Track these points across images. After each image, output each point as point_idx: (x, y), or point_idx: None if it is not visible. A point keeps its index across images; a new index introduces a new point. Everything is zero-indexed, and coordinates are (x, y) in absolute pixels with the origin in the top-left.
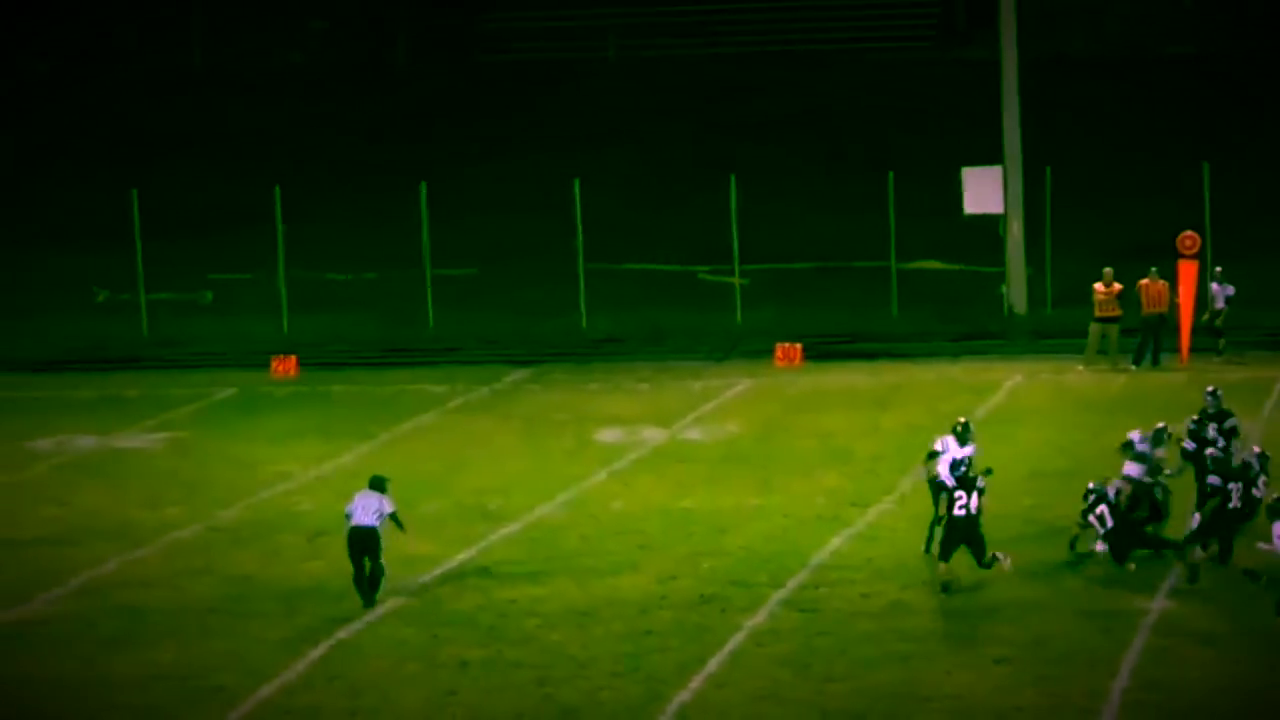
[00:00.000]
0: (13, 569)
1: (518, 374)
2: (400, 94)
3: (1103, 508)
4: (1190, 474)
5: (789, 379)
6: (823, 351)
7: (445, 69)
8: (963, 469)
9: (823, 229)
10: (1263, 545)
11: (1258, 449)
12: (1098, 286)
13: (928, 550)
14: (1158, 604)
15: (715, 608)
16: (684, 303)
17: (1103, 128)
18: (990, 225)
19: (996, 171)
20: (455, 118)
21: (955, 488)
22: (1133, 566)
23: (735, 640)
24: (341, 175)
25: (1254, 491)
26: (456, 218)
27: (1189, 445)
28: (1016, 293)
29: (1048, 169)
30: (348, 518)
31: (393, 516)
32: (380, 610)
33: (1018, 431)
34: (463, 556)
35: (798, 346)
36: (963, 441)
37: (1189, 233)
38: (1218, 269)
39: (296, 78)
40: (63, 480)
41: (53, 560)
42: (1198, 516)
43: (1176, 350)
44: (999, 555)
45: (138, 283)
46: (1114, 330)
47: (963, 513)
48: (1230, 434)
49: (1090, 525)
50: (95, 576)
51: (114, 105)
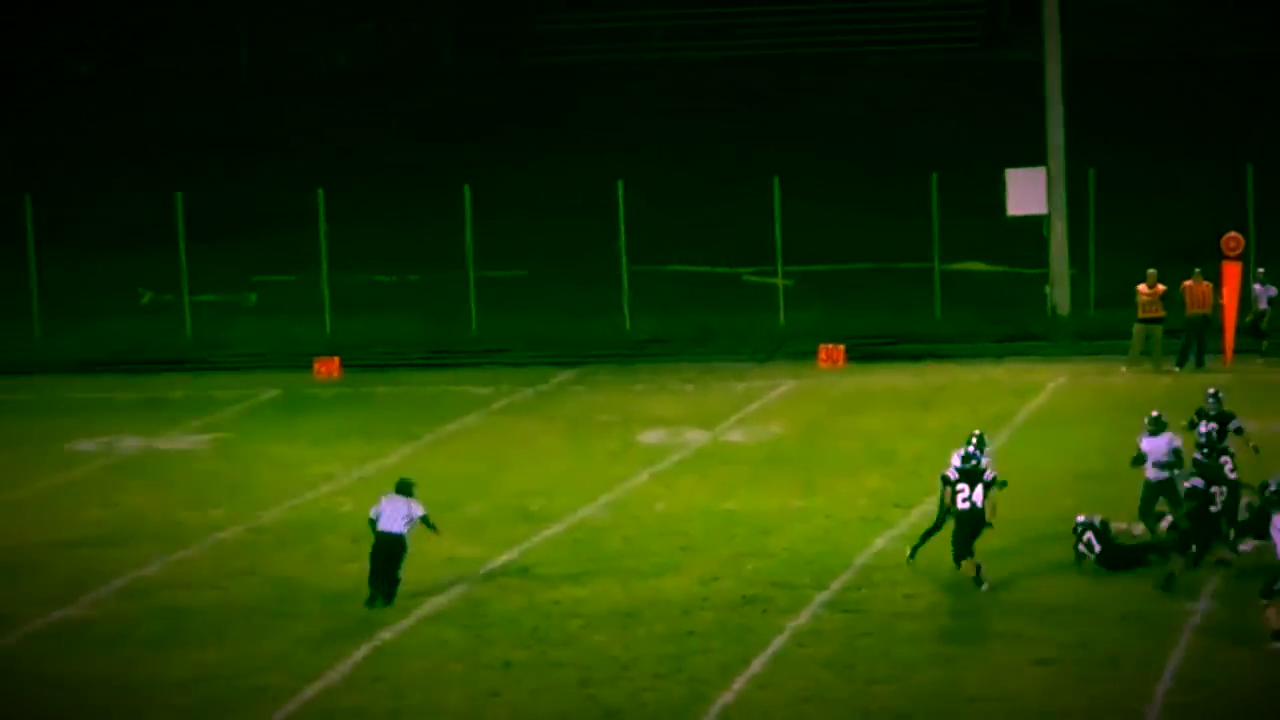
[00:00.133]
0: (58, 569)
1: (562, 375)
2: (446, 96)
3: (1089, 535)
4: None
5: (832, 380)
6: (866, 353)
7: (491, 71)
8: (973, 462)
9: (866, 230)
10: (1245, 547)
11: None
12: (1141, 288)
13: (912, 557)
14: (1201, 605)
15: (758, 609)
16: (728, 304)
17: (1146, 128)
18: (1034, 226)
19: (1040, 173)
20: (500, 119)
21: (958, 480)
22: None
23: (778, 641)
24: (386, 176)
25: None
26: (502, 219)
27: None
28: (1060, 294)
29: (1091, 170)
30: (374, 522)
31: (424, 520)
32: (423, 611)
33: (1061, 433)
34: (505, 558)
35: (841, 348)
36: (983, 449)
37: (1233, 234)
38: (1260, 270)
39: (342, 79)
40: (107, 481)
41: (97, 561)
42: (1169, 519)
43: (1220, 352)
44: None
45: (182, 284)
46: (1158, 331)
47: (966, 505)
48: (1237, 434)
49: (1085, 555)
50: (140, 577)
51: (159, 107)
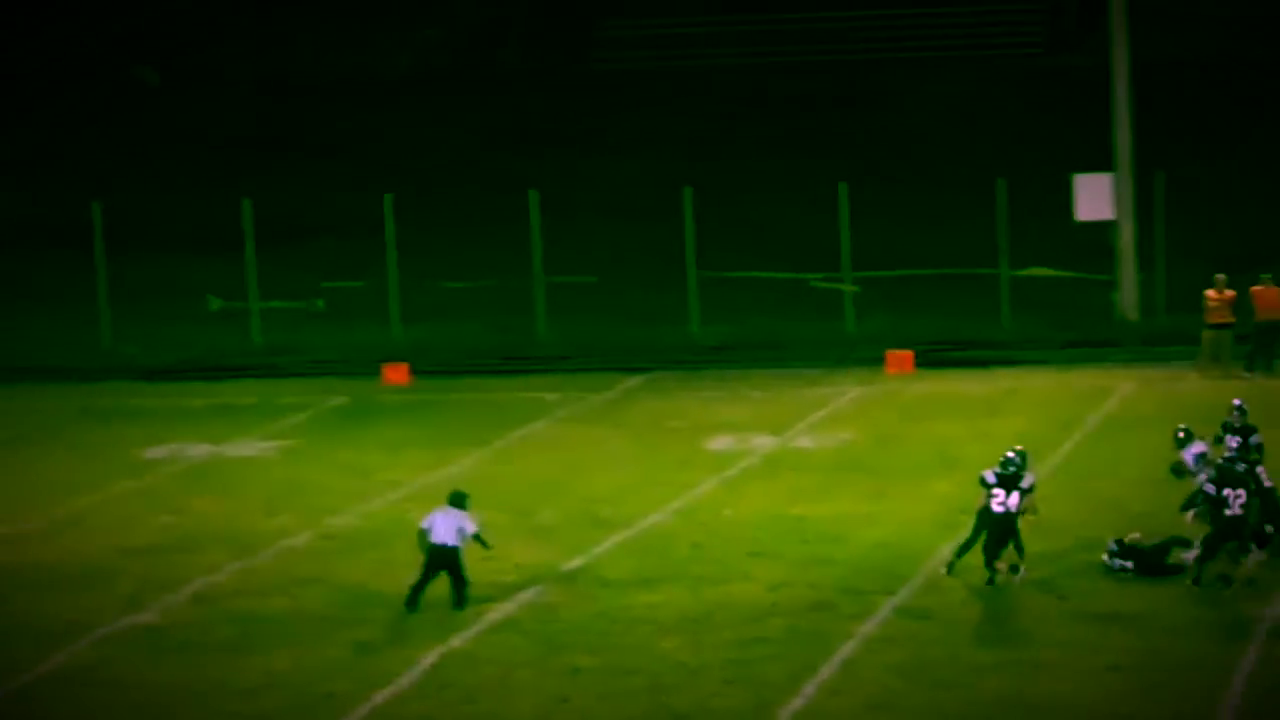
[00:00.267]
0: (128, 576)
1: (630, 381)
2: (512, 101)
3: (1116, 561)
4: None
5: (900, 386)
6: (934, 359)
7: (557, 76)
8: (1012, 468)
9: (933, 236)
10: (1254, 556)
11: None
12: (1210, 293)
13: (950, 571)
14: (1272, 611)
15: (827, 615)
16: (796, 310)
17: (1215, 131)
18: (1102, 232)
19: (1108, 178)
20: (567, 124)
21: (995, 484)
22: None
23: (847, 648)
24: (455, 182)
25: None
26: (570, 225)
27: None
28: (1128, 299)
29: (1159, 174)
30: (425, 533)
31: (476, 537)
32: (491, 618)
33: (1129, 438)
34: (574, 564)
35: (909, 353)
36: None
37: None
38: None
39: (408, 84)
40: (177, 488)
41: (167, 567)
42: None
43: None
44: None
45: (250, 291)
46: (1227, 337)
47: (1001, 509)
48: (1257, 448)
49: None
50: (209, 584)
51: (226, 112)
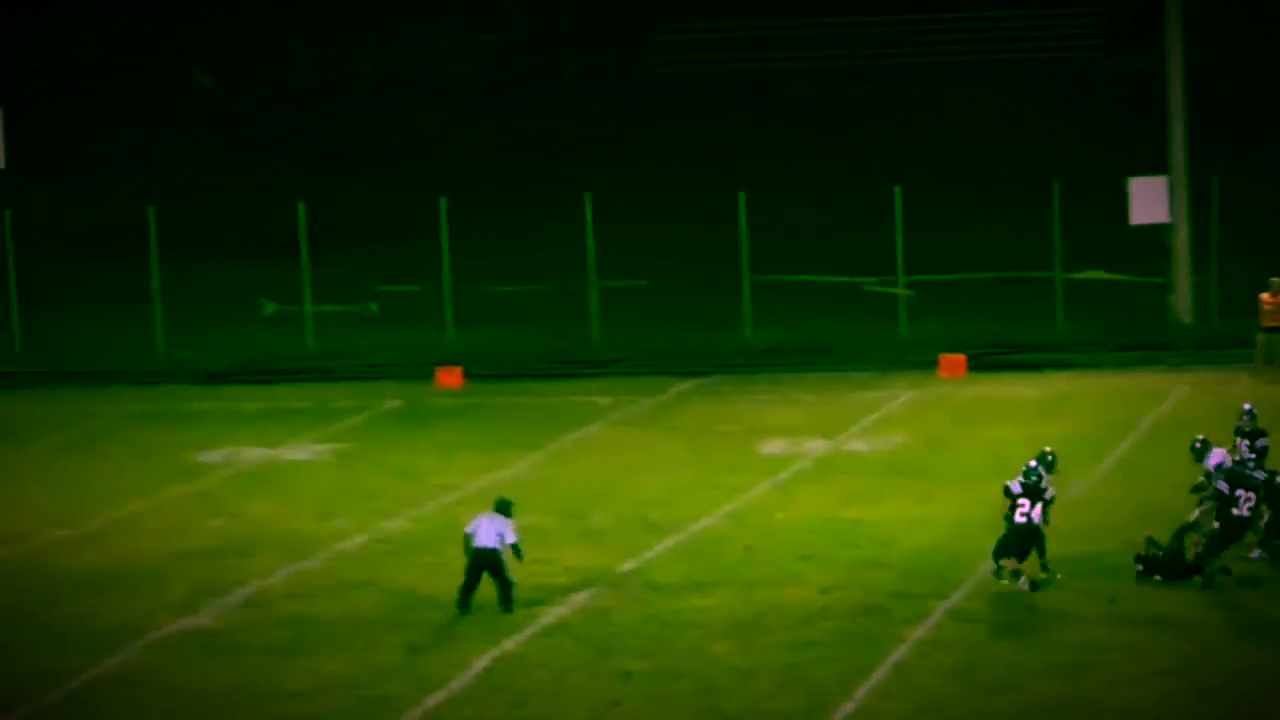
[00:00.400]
0: (183, 579)
1: (682, 385)
2: (567, 104)
3: (1141, 568)
4: None
5: (953, 390)
6: (987, 362)
7: (612, 80)
8: (1034, 478)
9: (987, 239)
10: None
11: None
12: (1265, 296)
13: (998, 575)
14: None
15: (878, 619)
16: (849, 314)
17: (1271, 134)
18: (1156, 235)
19: (1163, 181)
20: (622, 128)
21: (1020, 494)
22: None
23: (899, 651)
24: (509, 185)
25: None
26: (623, 228)
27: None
28: (1182, 302)
29: (1214, 178)
30: (470, 537)
31: (514, 547)
32: (543, 621)
33: (1181, 442)
34: (626, 567)
35: (962, 357)
36: (1050, 470)
37: None
38: None
39: (464, 88)
40: (230, 492)
41: (221, 571)
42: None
43: None
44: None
45: (304, 294)
46: None
47: (1024, 520)
48: (1262, 453)
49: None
50: (263, 587)
51: (281, 117)
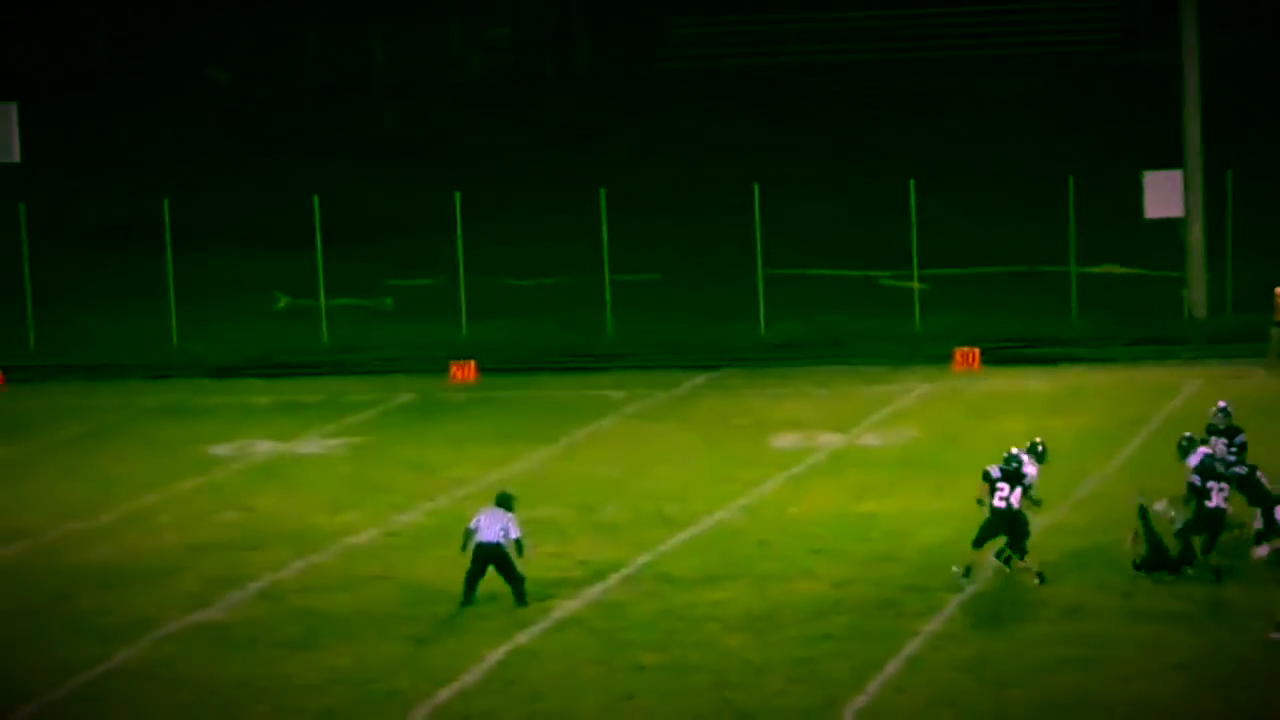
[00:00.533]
0: (194, 572)
1: (696, 379)
2: (580, 99)
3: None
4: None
5: (967, 383)
6: (1001, 356)
7: (626, 74)
8: (1015, 464)
9: (1002, 233)
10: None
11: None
12: (1279, 290)
13: (1008, 565)
14: None
15: (892, 612)
16: (863, 308)
17: None
18: (1171, 229)
19: (1177, 175)
20: (635, 123)
21: (999, 479)
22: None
23: (912, 645)
24: (522, 180)
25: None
26: (636, 222)
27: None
28: (1197, 297)
29: (1229, 172)
30: (472, 532)
31: (517, 543)
32: (556, 614)
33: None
34: (640, 561)
35: (976, 351)
36: (1041, 460)
37: None
38: None
39: (478, 83)
40: (243, 485)
41: (233, 564)
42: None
43: None
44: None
45: (318, 288)
46: None
47: (1003, 504)
48: (1241, 449)
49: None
50: (275, 580)
51: (295, 111)
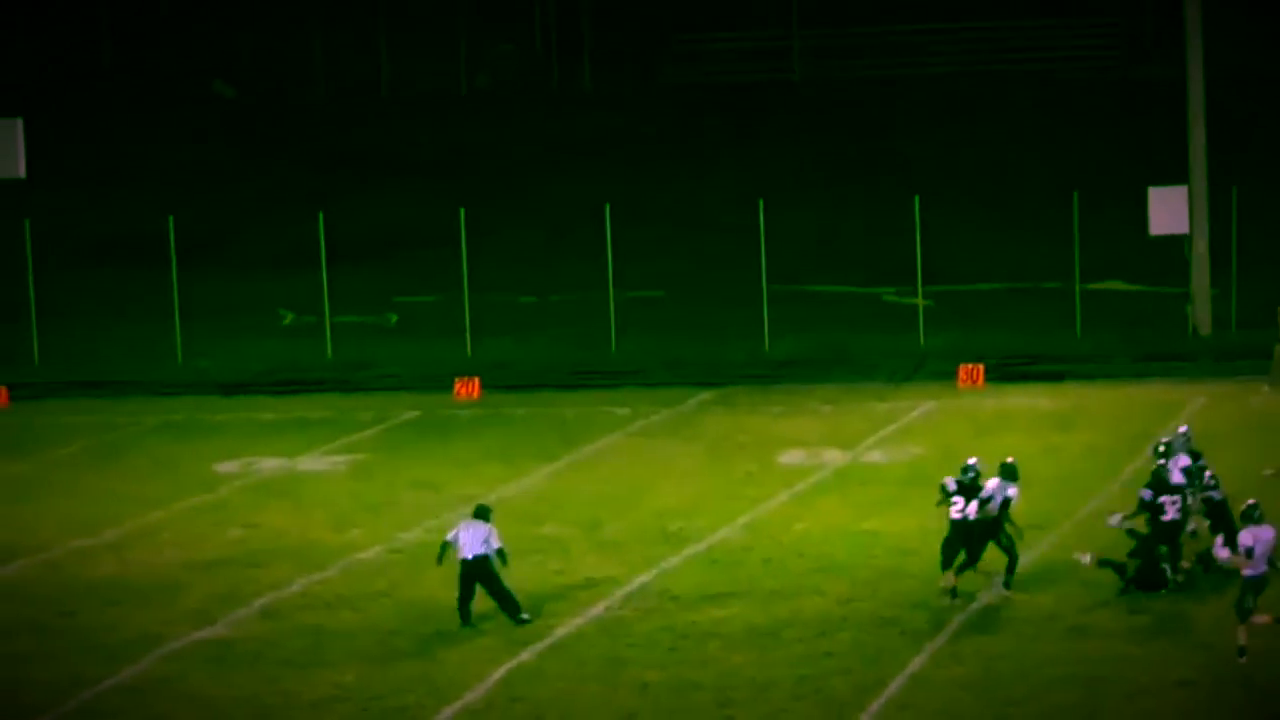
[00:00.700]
0: (199, 589)
1: (701, 396)
2: (585, 115)
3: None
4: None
5: (972, 400)
6: (1006, 373)
7: (630, 90)
8: (970, 475)
9: (1006, 250)
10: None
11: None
12: None
13: (1007, 586)
14: None
15: (895, 630)
16: (867, 324)
17: None
18: (1175, 245)
19: (1182, 191)
20: (640, 139)
21: (955, 492)
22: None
23: (916, 663)
24: (527, 197)
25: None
26: (641, 240)
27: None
28: (1201, 313)
29: (1234, 188)
30: (450, 546)
31: (499, 552)
32: (560, 632)
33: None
34: (644, 578)
35: (980, 368)
36: (1012, 479)
37: None
38: None
39: (483, 99)
40: (248, 502)
41: (238, 581)
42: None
43: None
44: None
45: (323, 305)
46: None
47: (959, 517)
48: (1200, 473)
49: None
50: (279, 597)
51: (301, 128)
